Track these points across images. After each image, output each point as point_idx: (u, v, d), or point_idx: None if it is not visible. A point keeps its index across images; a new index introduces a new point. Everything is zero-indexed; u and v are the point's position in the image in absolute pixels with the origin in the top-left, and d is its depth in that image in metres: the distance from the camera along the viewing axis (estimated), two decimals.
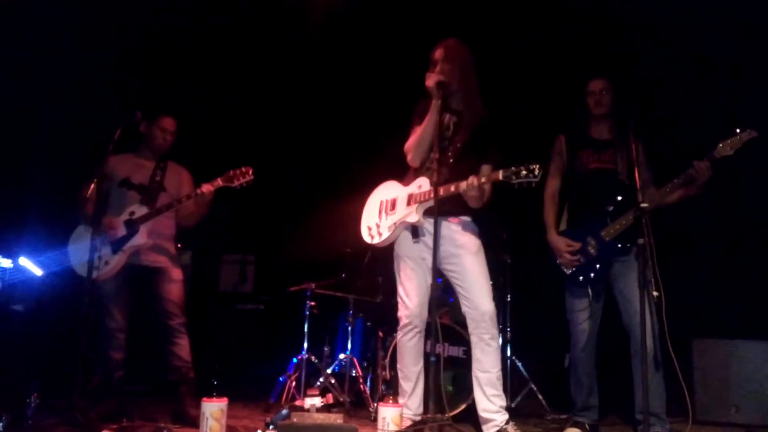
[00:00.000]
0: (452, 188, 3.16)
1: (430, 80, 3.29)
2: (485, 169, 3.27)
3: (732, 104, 4.76)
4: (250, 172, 3.81)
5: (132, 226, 3.87)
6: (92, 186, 3.53)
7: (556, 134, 3.92)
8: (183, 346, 3.89)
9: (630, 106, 3.52)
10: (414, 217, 3.29)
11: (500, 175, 3.00)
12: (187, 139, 4.35)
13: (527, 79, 5.43)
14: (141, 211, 3.89)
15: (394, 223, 3.37)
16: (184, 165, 4.26)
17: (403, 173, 3.52)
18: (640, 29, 4.97)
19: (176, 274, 4.03)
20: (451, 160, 3.27)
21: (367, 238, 3.49)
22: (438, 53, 3.38)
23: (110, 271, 3.81)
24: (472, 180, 3.08)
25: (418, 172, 3.40)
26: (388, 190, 3.51)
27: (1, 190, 5.58)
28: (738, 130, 3.31)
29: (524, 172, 2.93)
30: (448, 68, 3.32)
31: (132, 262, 3.90)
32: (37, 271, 5.07)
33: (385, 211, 3.44)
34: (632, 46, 5.00)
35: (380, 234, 3.40)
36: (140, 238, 3.85)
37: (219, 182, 3.84)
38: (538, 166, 2.91)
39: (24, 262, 5.15)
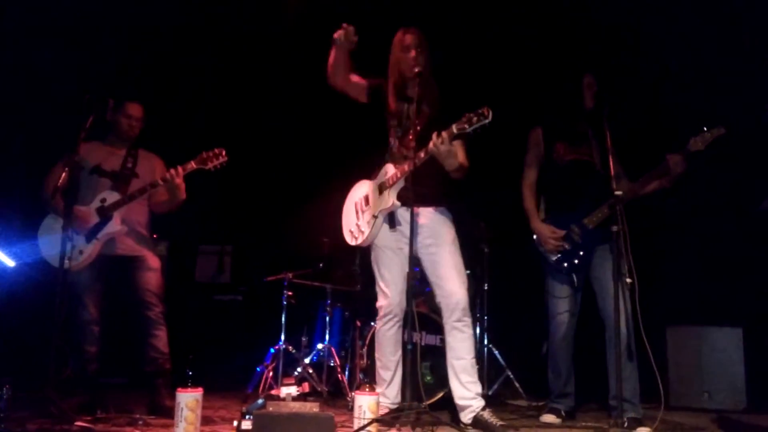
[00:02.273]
0: (418, 157, 3.12)
1: (411, 71, 3.30)
2: (456, 143, 3.30)
3: (704, 98, 4.83)
4: (224, 153, 3.74)
5: (104, 213, 3.80)
6: (63, 175, 3.45)
7: (530, 125, 3.96)
8: (161, 338, 3.83)
9: (603, 99, 3.61)
10: (388, 202, 3.27)
11: (454, 128, 3.00)
12: (162, 126, 4.30)
13: (501, 71, 5.45)
14: (113, 197, 3.82)
15: (372, 216, 3.36)
16: (159, 152, 4.20)
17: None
18: (614, 23, 5.01)
19: (153, 262, 3.95)
20: (413, 144, 3.19)
21: (352, 241, 3.48)
22: (409, 39, 3.38)
23: (84, 260, 3.74)
24: (433, 140, 3.06)
25: (379, 166, 3.40)
26: (359, 190, 3.54)
27: None
28: (705, 129, 3.42)
29: (475, 118, 2.94)
30: (423, 58, 3.34)
31: (106, 252, 3.82)
32: (9, 263, 4.99)
33: (361, 210, 3.45)
34: (607, 40, 5.05)
35: (362, 232, 3.39)
36: (114, 226, 3.78)
37: (192, 165, 3.77)
38: (485, 107, 2.92)
39: None
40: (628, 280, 3.20)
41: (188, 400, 2.86)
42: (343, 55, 3.31)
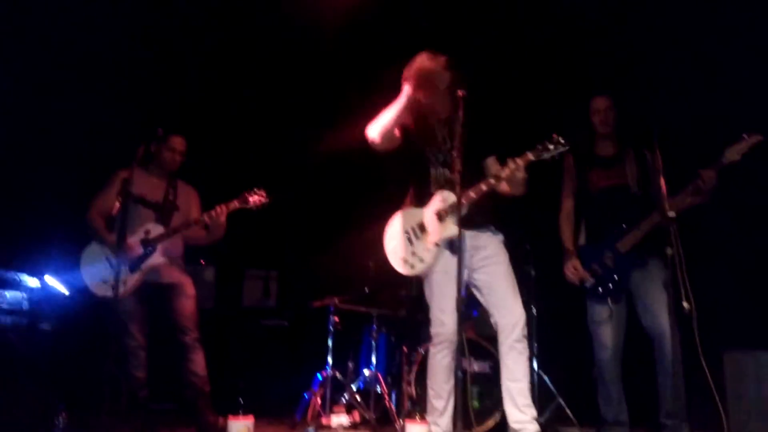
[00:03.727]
0: (484, 186, 3.13)
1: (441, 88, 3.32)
2: (491, 161, 3.36)
3: (737, 108, 4.70)
4: (265, 194, 3.86)
5: (149, 245, 3.90)
6: (117, 205, 3.55)
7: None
8: (197, 362, 3.94)
9: (639, 120, 3.62)
10: (453, 230, 3.17)
11: (531, 156, 3.02)
12: (206, 155, 4.37)
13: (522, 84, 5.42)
14: (156, 230, 3.95)
15: (435, 243, 3.28)
16: (204, 182, 4.30)
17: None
18: (640, 36, 4.92)
19: (189, 289, 4.07)
20: (460, 165, 3.18)
21: (407, 270, 3.36)
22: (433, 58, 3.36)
23: (128, 289, 3.85)
24: (509, 167, 3.07)
25: (427, 194, 3.35)
26: (408, 218, 3.43)
27: (28, 209, 5.65)
28: (745, 135, 3.31)
29: (551, 146, 2.97)
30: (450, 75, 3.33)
31: (148, 280, 3.94)
32: (63, 290, 5.10)
33: (416, 237, 3.35)
34: (632, 54, 4.96)
35: (422, 260, 3.30)
36: (158, 257, 3.92)
37: (235, 204, 3.89)
38: (559, 136, 2.95)
39: (50, 280, 5.19)
40: (686, 305, 3.10)
41: (240, 428, 2.87)
42: (407, 109, 3.30)
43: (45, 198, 5.72)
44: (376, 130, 3.33)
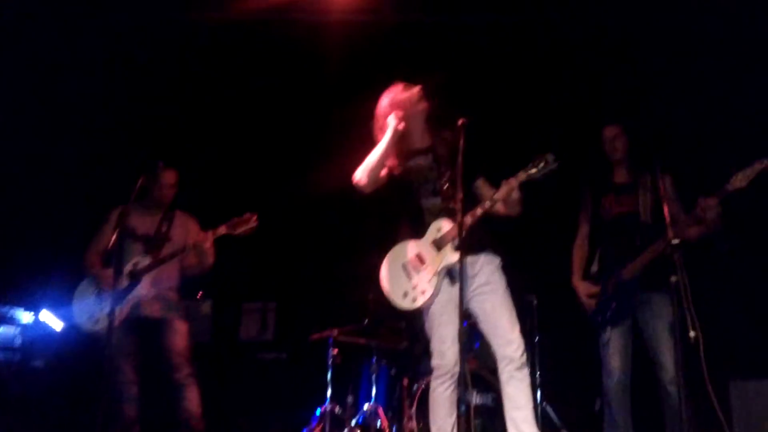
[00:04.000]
0: (479, 210, 3.10)
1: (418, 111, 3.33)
2: (480, 183, 3.32)
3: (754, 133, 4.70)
4: (254, 219, 3.77)
5: (134, 277, 3.84)
6: (114, 238, 3.52)
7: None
8: (191, 399, 3.85)
9: (649, 147, 3.57)
10: (452, 257, 3.14)
11: (523, 175, 3.02)
12: (203, 185, 4.34)
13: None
14: (144, 261, 3.89)
15: (435, 274, 3.21)
16: (203, 211, 4.25)
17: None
18: (652, 60, 4.95)
19: (179, 324, 4.00)
20: (450, 193, 3.18)
21: (408, 304, 3.25)
22: (402, 84, 3.38)
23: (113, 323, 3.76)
24: (504, 188, 3.05)
25: (421, 225, 3.30)
26: (404, 251, 3.34)
27: (26, 241, 5.61)
28: (757, 162, 3.20)
29: (542, 164, 2.97)
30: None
31: (134, 314, 3.86)
32: (57, 326, 5.04)
33: (415, 270, 3.27)
34: (643, 81, 4.99)
35: (423, 292, 3.21)
36: (141, 289, 3.85)
37: (222, 229, 3.81)
38: (549, 154, 2.95)
39: (45, 315, 5.13)
40: (692, 334, 3.03)
41: None
42: (394, 145, 3.28)
43: (44, 232, 5.69)
44: (363, 173, 3.29)
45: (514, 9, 4.96)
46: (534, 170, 2.99)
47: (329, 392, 4.62)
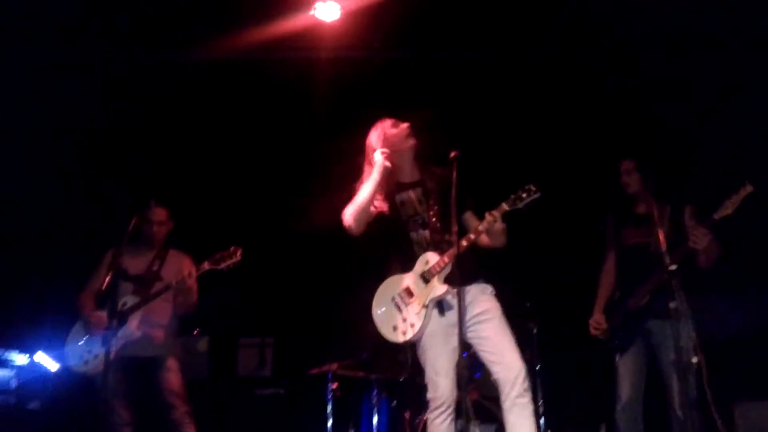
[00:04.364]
0: (465, 242, 3.12)
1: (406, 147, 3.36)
2: (468, 216, 3.33)
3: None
4: (238, 254, 3.74)
5: (121, 317, 3.80)
6: (107, 279, 3.49)
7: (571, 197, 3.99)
8: None
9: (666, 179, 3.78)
10: (441, 289, 3.16)
11: (506, 206, 3.07)
12: (197, 222, 4.32)
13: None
14: (132, 301, 3.87)
15: (422, 306, 3.21)
16: (198, 248, 4.22)
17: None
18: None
19: (171, 362, 3.96)
20: (438, 226, 3.23)
21: (398, 338, 3.25)
22: (391, 121, 3.42)
23: (99, 365, 3.70)
24: (487, 220, 3.09)
25: (410, 258, 3.30)
26: (392, 285, 3.35)
27: (20, 283, 5.57)
28: (741, 189, 3.32)
29: (524, 195, 3.04)
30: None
31: (123, 354, 3.80)
32: (53, 367, 4.98)
33: (404, 303, 3.27)
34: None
35: (412, 325, 3.21)
36: (127, 329, 3.80)
37: (205, 266, 3.79)
38: (531, 185, 3.02)
39: (40, 357, 5.07)
40: (694, 360, 3.05)
41: None
42: (382, 181, 3.31)
43: (39, 274, 5.66)
44: (351, 217, 3.32)
45: (505, 43, 5.01)
46: (518, 202, 3.04)
47: (329, 426, 4.55)
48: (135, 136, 5.63)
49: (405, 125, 3.40)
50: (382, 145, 3.35)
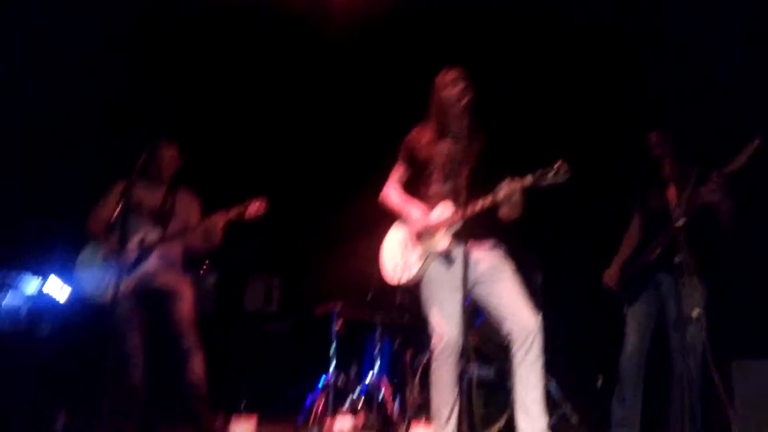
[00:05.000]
0: (480, 204, 3.06)
1: (459, 105, 3.25)
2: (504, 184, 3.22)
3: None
4: (264, 205, 3.84)
5: (144, 250, 3.87)
6: (118, 210, 3.51)
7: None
8: (196, 365, 3.93)
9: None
10: (444, 243, 3.18)
11: (530, 179, 2.98)
12: (208, 160, 4.33)
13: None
14: (152, 236, 3.92)
15: (424, 254, 3.23)
16: (206, 187, 4.27)
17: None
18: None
19: (185, 292, 4.06)
20: (466, 183, 3.16)
21: (393, 279, 3.32)
22: (453, 74, 3.34)
23: (122, 294, 3.78)
24: (509, 184, 3.01)
25: (429, 206, 3.30)
26: (405, 228, 3.39)
27: (33, 207, 5.63)
28: (748, 144, 3.33)
29: (551, 174, 2.93)
30: (469, 92, 3.27)
31: (144, 287, 3.92)
32: (62, 297, 5.07)
33: (410, 247, 3.30)
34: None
35: (410, 270, 3.25)
36: (151, 263, 3.89)
37: (233, 214, 3.84)
38: (560, 162, 2.91)
39: (52, 281, 5.16)
40: (694, 314, 3.07)
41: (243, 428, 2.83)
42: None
43: (51, 199, 5.71)
44: (385, 204, 3.45)
45: None
46: (544, 180, 2.96)
47: (333, 363, 4.65)
48: (147, 72, 5.61)
49: (458, 89, 3.27)
50: (435, 106, 3.34)
